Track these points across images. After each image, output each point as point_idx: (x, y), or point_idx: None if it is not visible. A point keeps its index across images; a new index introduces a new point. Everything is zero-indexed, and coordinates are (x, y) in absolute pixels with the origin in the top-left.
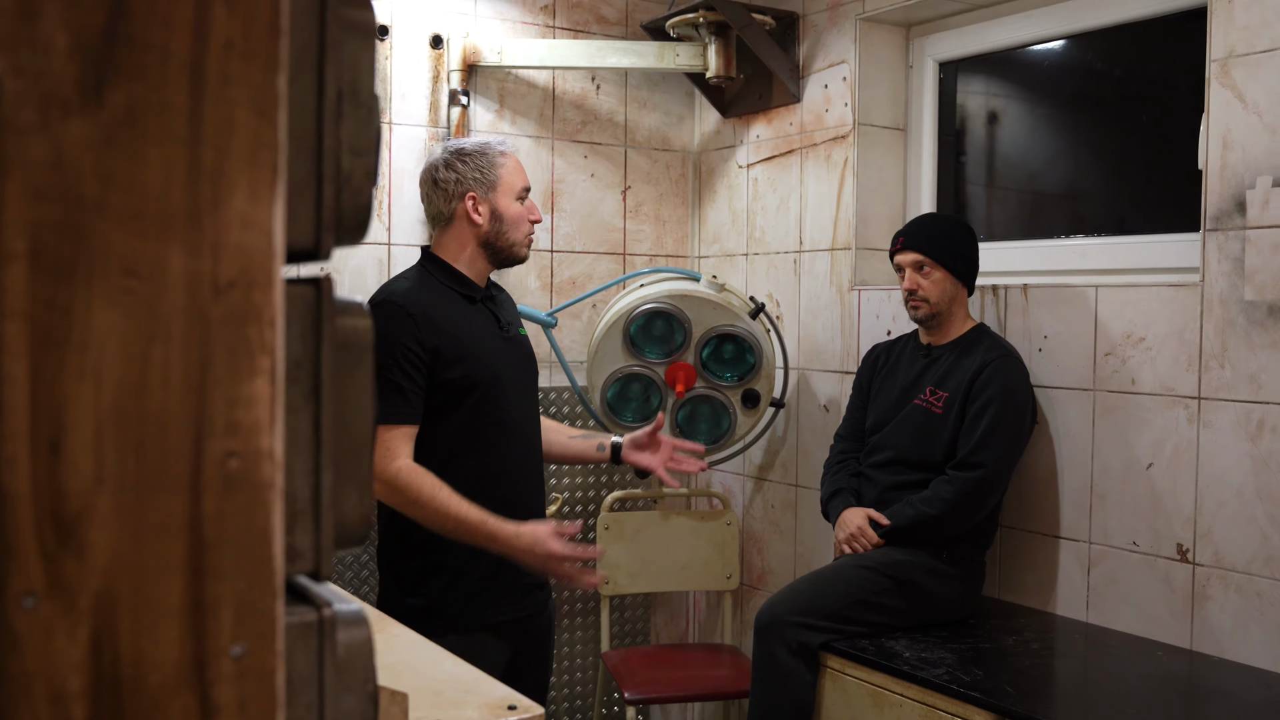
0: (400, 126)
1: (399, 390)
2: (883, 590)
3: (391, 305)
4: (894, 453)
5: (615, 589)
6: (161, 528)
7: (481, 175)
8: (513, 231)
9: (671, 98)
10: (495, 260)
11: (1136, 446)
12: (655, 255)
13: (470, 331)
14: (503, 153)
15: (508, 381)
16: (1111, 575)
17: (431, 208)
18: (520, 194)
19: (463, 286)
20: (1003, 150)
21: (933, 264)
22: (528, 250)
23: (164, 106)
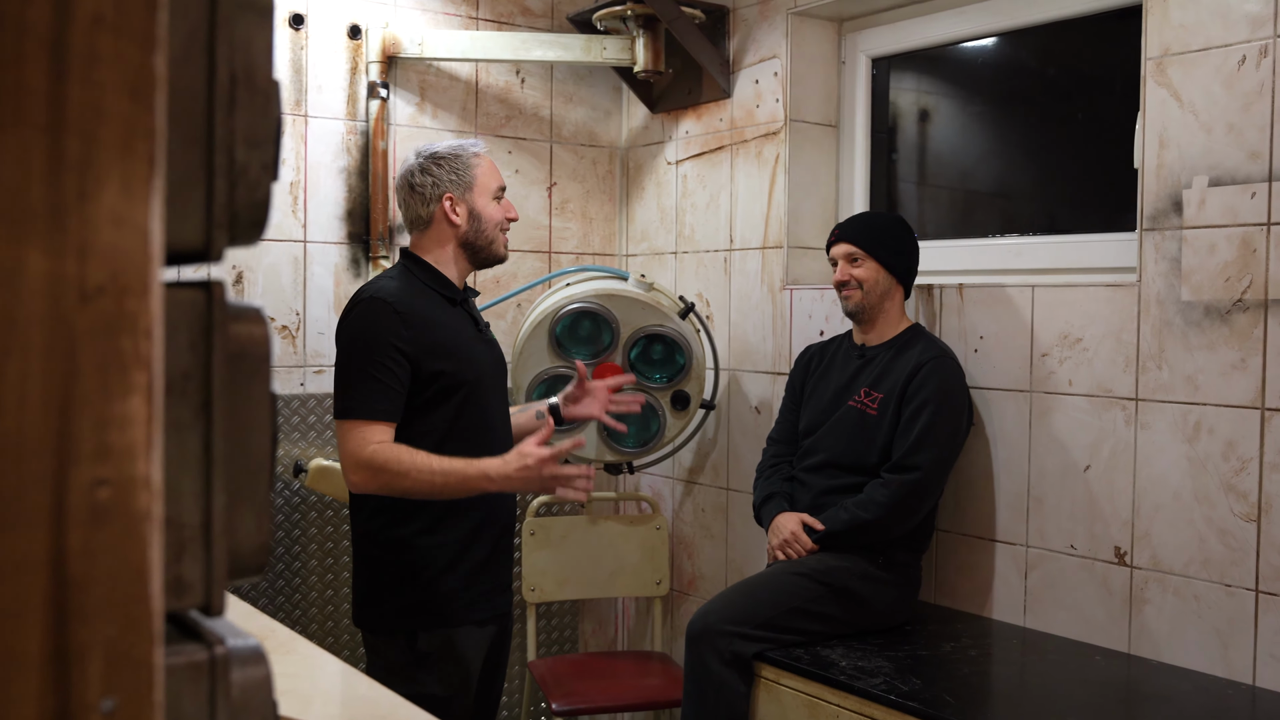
0: (317, 120)
1: (381, 386)
2: (818, 598)
3: (379, 301)
4: (828, 455)
5: (541, 596)
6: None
7: (458, 177)
8: (490, 230)
9: (598, 92)
10: (475, 260)
11: (1073, 448)
12: (581, 253)
13: (454, 332)
14: (476, 154)
15: (488, 382)
16: (1049, 579)
17: (409, 212)
18: (496, 193)
19: (443, 287)
20: (936, 148)
21: (864, 255)
22: (506, 250)
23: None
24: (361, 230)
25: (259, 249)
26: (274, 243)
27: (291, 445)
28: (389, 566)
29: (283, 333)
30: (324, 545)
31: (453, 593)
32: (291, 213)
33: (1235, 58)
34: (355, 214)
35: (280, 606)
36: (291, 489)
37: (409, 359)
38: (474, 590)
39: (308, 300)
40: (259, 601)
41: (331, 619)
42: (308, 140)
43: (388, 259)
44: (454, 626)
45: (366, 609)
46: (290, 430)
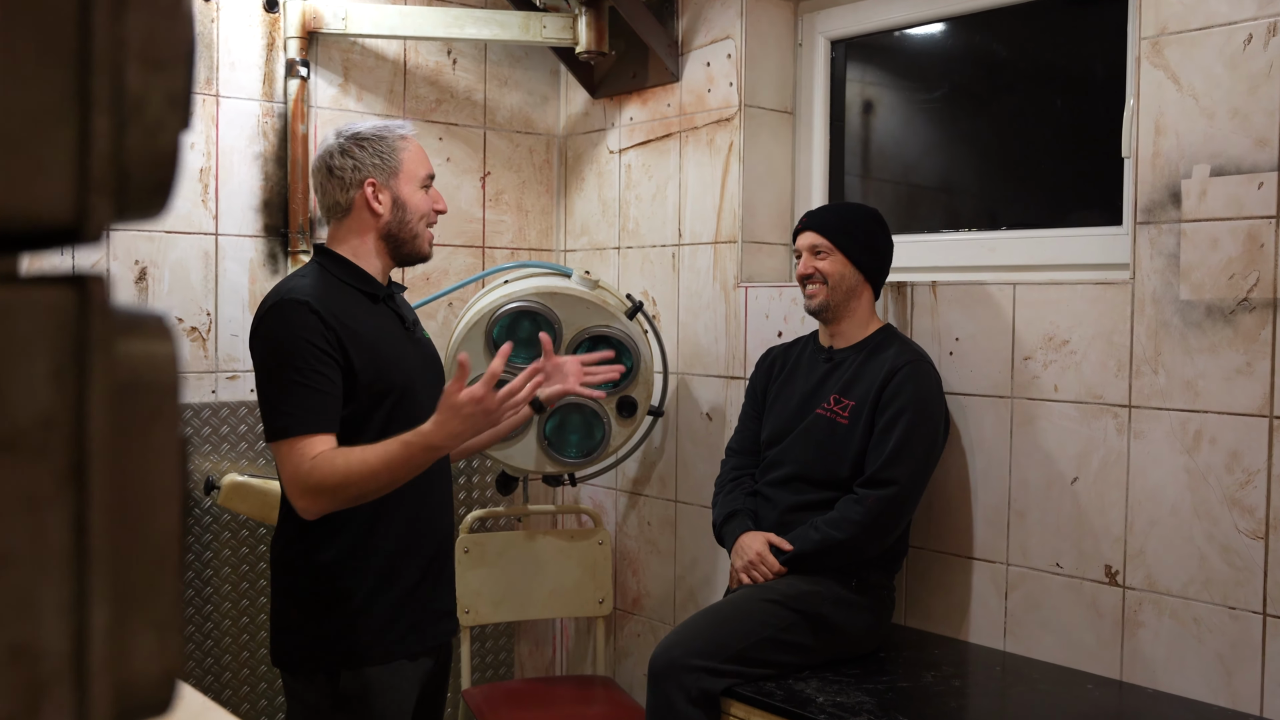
0: (229, 100)
1: (312, 394)
2: (790, 626)
3: (292, 303)
4: (794, 468)
5: (476, 618)
6: None
7: (381, 161)
8: (415, 222)
9: (536, 75)
10: (397, 255)
11: (1060, 459)
12: (517, 248)
13: (377, 333)
14: (403, 137)
15: (419, 387)
16: (1032, 600)
17: (326, 199)
18: (424, 182)
19: (364, 284)
20: (901, 137)
21: (831, 248)
22: (430, 246)
23: None
24: (279, 222)
25: (165, 243)
26: (181, 235)
27: (203, 459)
28: (307, 596)
29: (192, 335)
30: (239, 570)
31: (379, 624)
32: (201, 202)
33: (1240, 36)
34: (272, 204)
35: (188, 640)
36: (203, 508)
37: (336, 362)
38: (404, 620)
39: (220, 299)
40: None
41: (248, 658)
42: (219, 122)
43: (308, 253)
44: (381, 663)
45: (283, 645)
46: (201, 442)
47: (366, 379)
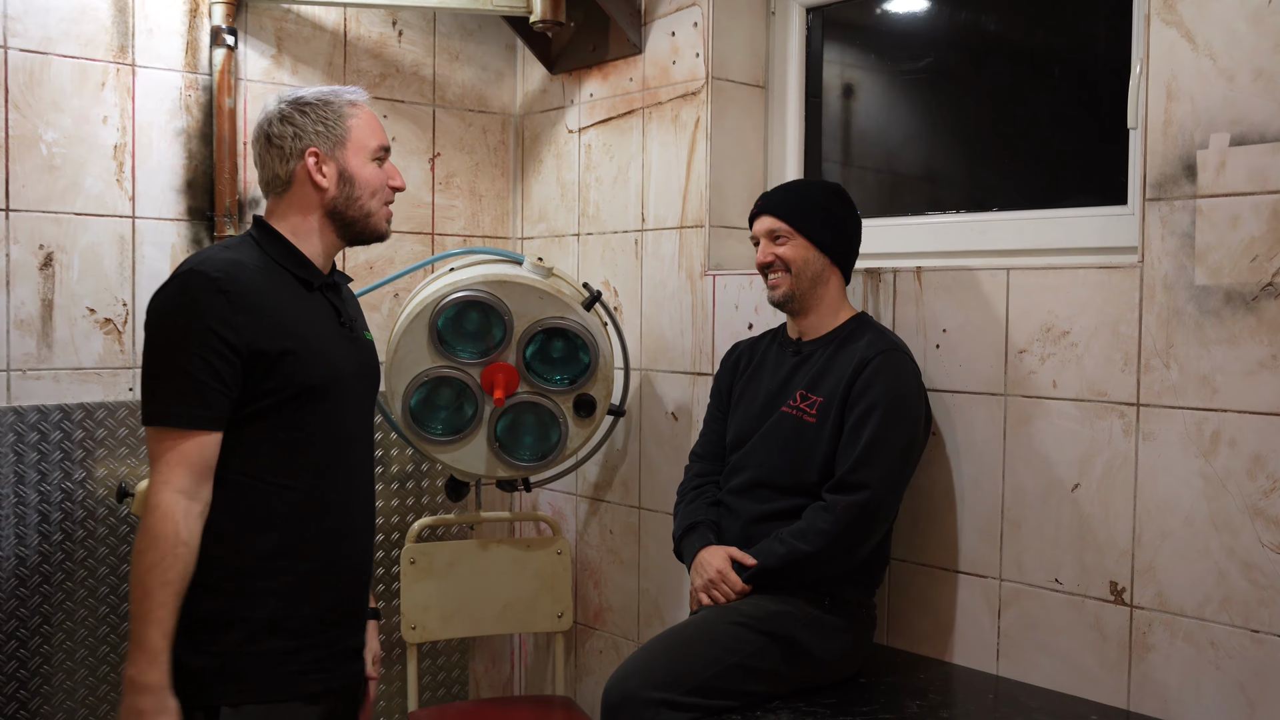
0: (147, 71)
1: (195, 386)
2: (759, 651)
3: (199, 277)
4: (758, 473)
5: (424, 634)
6: None
7: (326, 128)
8: (367, 198)
9: (489, 49)
10: (346, 235)
11: (1059, 463)
12: (470, 235)
13: (304, 323)
14: (352, 103)
15: (347, 390)
16: (1028, 619)
17: (266, 171)
18: (377, 154)
19: (299, 268)
20: (885, 112)
21: (791, 231)
22: (388, 224)
23: None
24: (204, 204)
25: (74, 226)
26: (93, 218)
27: (117, 463)
28: (192, 618)
29: (105, 327)
30: None
31: (274, 658)
32: (116, 182)
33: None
34: (197, 185)
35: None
36: (118, 515)
37: (237, 353)
38: (305, 656)
39: (137, 288)
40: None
41: None
42: (135, 95)
43: None
44: (271, 701)
45: None
46: (116, 445)
47: (279, 374)
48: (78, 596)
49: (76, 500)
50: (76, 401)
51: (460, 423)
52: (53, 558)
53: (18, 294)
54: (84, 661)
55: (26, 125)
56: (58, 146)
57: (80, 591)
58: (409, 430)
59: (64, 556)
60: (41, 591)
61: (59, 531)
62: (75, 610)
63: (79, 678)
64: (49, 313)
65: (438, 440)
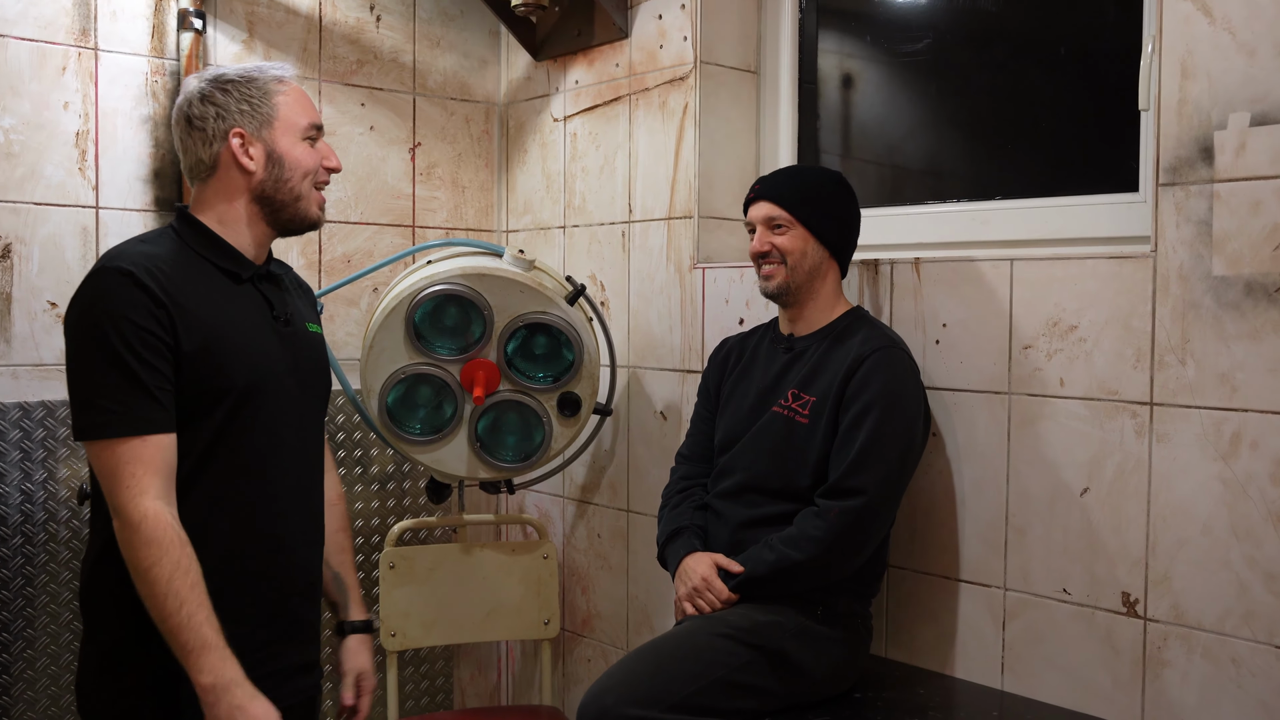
0: (110, 55)
1: (139, 385)
2: (745, 665)
3: (113, 274)
4: (746, 476)
5: (404, 642)
6: None
7: (251, 107)
8: (297, 180)
9: (472, 36)
10: (277, 221)
11: (1066, 466)
12: (452, 228)
13: (228, 319)
14: (279, 79)
15: (278, 390)
16: (1034, 631)
17: (189, 156)
18: (308, 132)
19: (226, 259)
20: (882, 97)
21: (791, 220)
22: (320, 210)
23: None
24: (173, 195)
25: (34, 216)
26: (54, 208)
27: (80, 463)
28: (113, 640)
29: None
30: None
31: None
32: (78, 170)
33: None
34: (164, 175)
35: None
36: (81, 518)
37: (169, 347)
38: None
39: None
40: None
41: None
42: (99, 80)
43: None
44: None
45: (86, 695)
46: (78, 445)
47: (199, 375)
48: (39, 603)
49: (37, 502)
50: (37, 399)
51: (439, 422)
52: (11, 562)
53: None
54: (45, 670)
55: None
56: (15, 133)
57: (42, 597)
58: (386, 430)
59: (24, 561)
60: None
61: (18, 535)
62: (36, 617)
63: (40, 687)
64: (7, 307)
65: (416, 440)
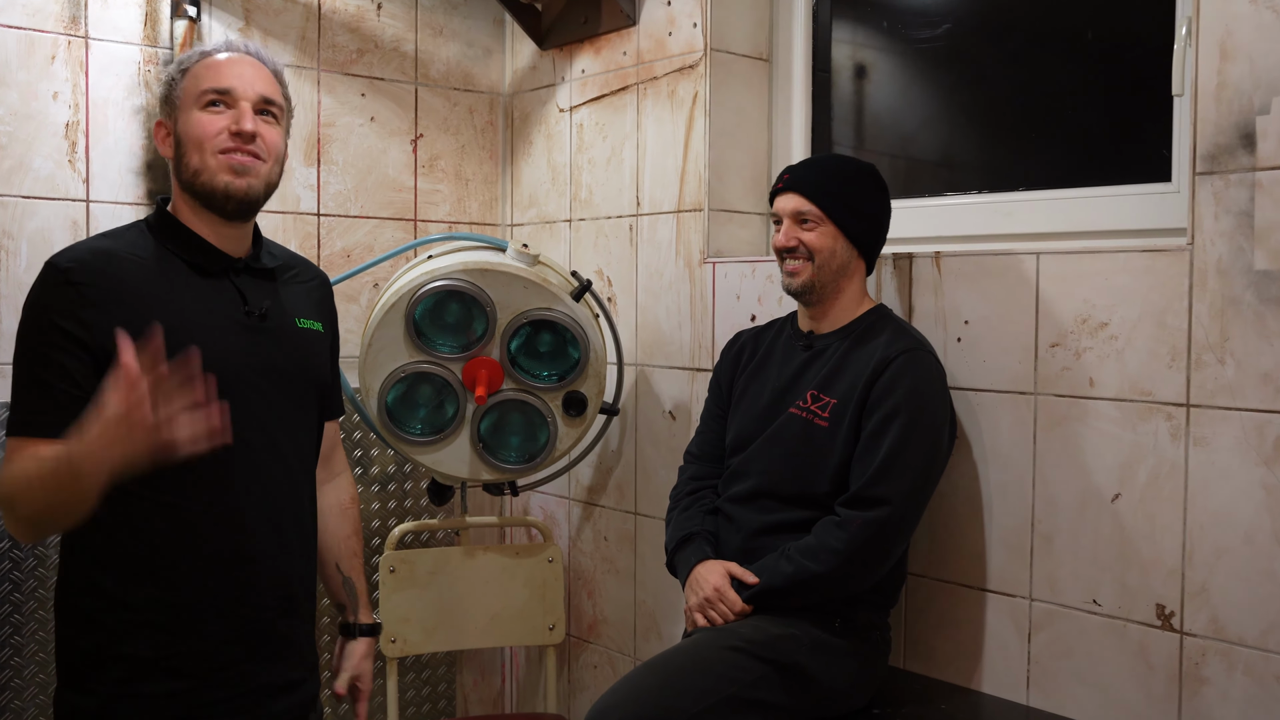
0: (102, 44)
1: (46, 388)
2: (758, 681)
3: (50, 271)
4: (761, 480)
5: (405, 648)
6: None
7: (168, 92)
8: (193, 153)
9: (475, 24)
10: (208, 205)
11: (1097, 470)
12: (455, 222)
13: (185, 318)
14: (205, 53)
15: (242, 390)
16: (1063, 644)
17: None
18: (204, 98)
19: (193, 253)
20: (900, 85)
21: (821, 216)
22: (228, 177)
23: None
24: (166, 188)
25: (22, 210)
26: (43, 201)
27: None
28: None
29: None
30: None
31: (155, 699)
32: (68, 163)
33: None
34: (157, 167)
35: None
36: None
37: (88, 349)
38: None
39: None
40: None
41: None
42: (89, 69)
43: None
44: None
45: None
46: None
47: None
48: (26, 609)
49: None
50: None
51: (441, 422)
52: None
53: None
54: (33, 679)
55: None
56: (3, 124)
57: (29, 603)
58: (385, 430)
59: (10, 565)
60: None
61: (4, 539)
62: (24, 624)
63: (28, 696)
64: None
65: (417, 441)
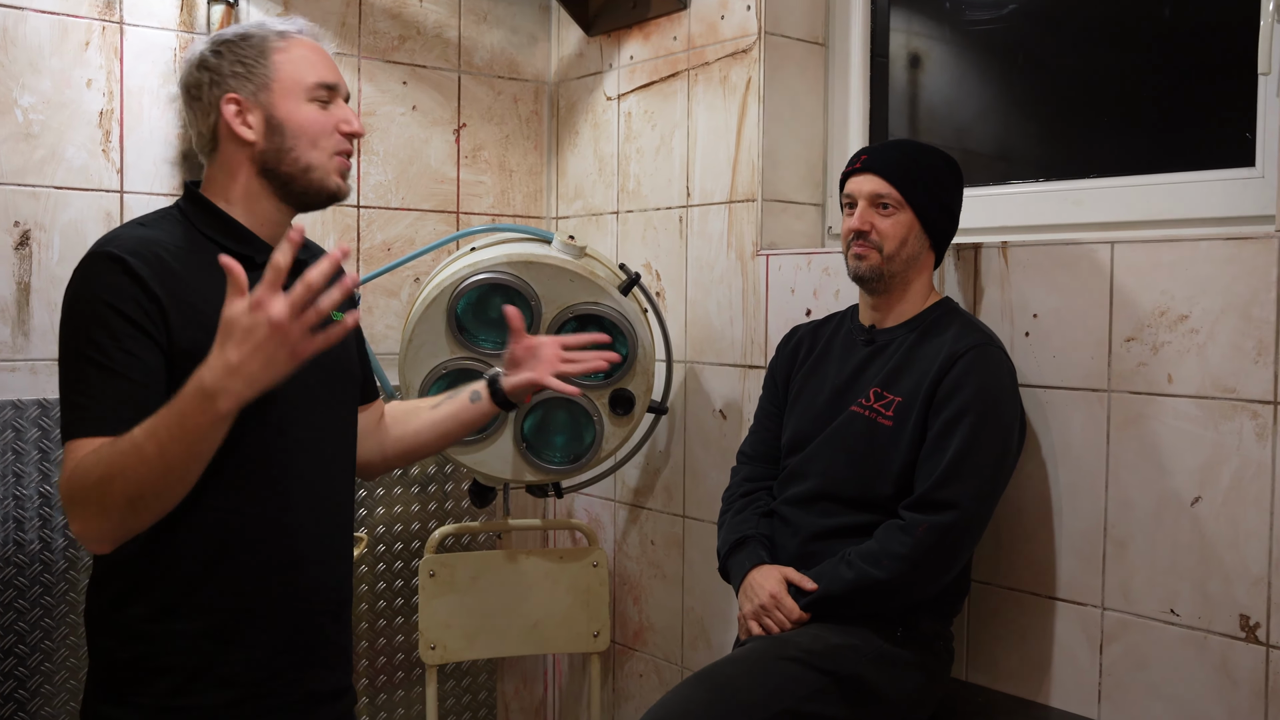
0: (137, 30)
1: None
2: (815, 693)
3: (102, 258)
4: (820, 482)
5: (444, 655)
6: None
7: (246, 69)
8: (305, 148)
9: (520, 10)
10: (288, 197)
11: (1175, 473)
12: (499, 215)
13: None
14: (281, 34)
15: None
16: (1137, 656)
17: (193, 131)
18: (315, 92)
19: (236, 242)
20: (961, 68)
21: (900, 201)
22: (341, 179)
23: None
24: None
25: (54, 200)
26: (75, 192)
27: None
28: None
29: None
30: None
31: (202, 711)
32: (102, 152)
33: None
34: (193, 157)
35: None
36: None
37: (157, 344)
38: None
39: None
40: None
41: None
42: (124, 56)
43: None
44: None
45: None
46: None
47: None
48: (58, 613)
49: (56, 505)
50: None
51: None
52: (29, 570)
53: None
54: (64, 685)
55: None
56: (35, 112)
57: (61, 607)
58: None
59: (42, 568)
60: (16, 607)
61: (36, 540)
62: (55, 628)
63: (59, 703)
64: (25, 297)
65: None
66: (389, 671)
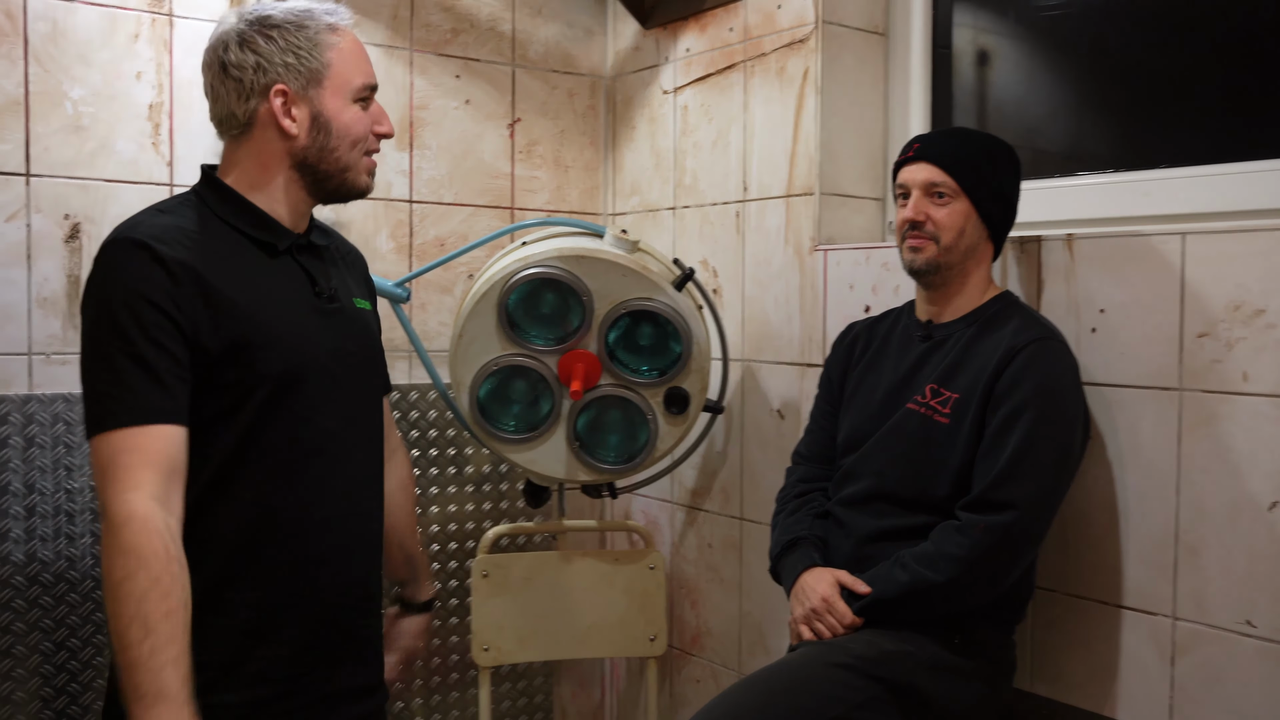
0: (187, 21)
1: (146, 370)
2: (868, 702)
3: (127, 245)
4: (875, 482)
5: (497, 657)
6: None
7: (298, 59)
8: (346, 149)
9: (576, 3)
10: (319, 191)
11: (1252, 475)
12: (554, 210)
13: (262, 299)
14: (333, 27)
15: (320, 378)
16: (1211, 669)
17: (219, 107)
18: (360, 94)
19: (260, 229)
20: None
21: (955, 191)
22: (370, 178)
23: None
24: None
25: (104, 193)
26: (126, 185)
27: None
28: None
29: None
30: None
31: (230, 710)
32: (152, 146)
33: None
34: None
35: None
36: None
37: (183, 332)
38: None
39: None
40: None
41: None
42: (174, 49)
43: None
44: None
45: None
46: None
47: (226, 365)
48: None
49: None
50: None
51: (535, 419)
52: (80, 563)
53: (40, 269)
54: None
55: (49, 81)
56: (85, 105)
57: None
58: (478, 426)
59: (93, 561)
60: (68, 600)
61: (87, 534)
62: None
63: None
64: (75, 290)
65: (510, 438)
66: (443, 672)
